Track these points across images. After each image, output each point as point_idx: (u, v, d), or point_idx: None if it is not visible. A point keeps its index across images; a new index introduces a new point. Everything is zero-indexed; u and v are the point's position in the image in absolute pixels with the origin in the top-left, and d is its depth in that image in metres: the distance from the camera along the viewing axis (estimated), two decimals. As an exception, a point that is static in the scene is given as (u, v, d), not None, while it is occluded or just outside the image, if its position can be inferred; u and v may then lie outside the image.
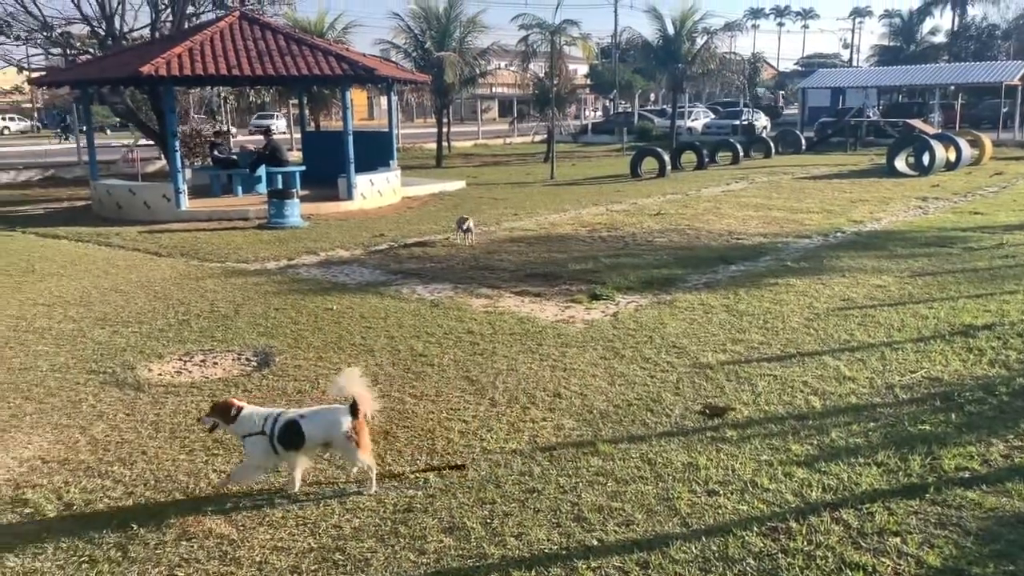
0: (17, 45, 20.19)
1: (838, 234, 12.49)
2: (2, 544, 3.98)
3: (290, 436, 4.27)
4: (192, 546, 3.94)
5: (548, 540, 3.95)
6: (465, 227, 12.15)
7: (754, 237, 12.29)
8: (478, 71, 29.93)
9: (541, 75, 31.25)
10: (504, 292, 9.02)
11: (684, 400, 5.72)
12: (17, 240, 13.20)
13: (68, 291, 9.31)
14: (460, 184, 20.57)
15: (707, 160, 24.97)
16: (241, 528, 4.10)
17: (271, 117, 38.20)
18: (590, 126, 44.83)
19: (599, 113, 59.43)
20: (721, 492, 4.38)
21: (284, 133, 25.39)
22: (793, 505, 4.24)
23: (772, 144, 29.28)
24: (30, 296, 9.09)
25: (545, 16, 30.51)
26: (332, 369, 6.45)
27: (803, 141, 30.75)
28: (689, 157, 25.13)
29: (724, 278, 9.55)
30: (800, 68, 79.99)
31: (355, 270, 10.49)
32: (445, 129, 30.54)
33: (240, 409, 4.33)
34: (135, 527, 4.10)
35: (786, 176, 21.73)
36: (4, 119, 53.86)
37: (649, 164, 22.67)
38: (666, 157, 22.71)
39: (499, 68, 34.03)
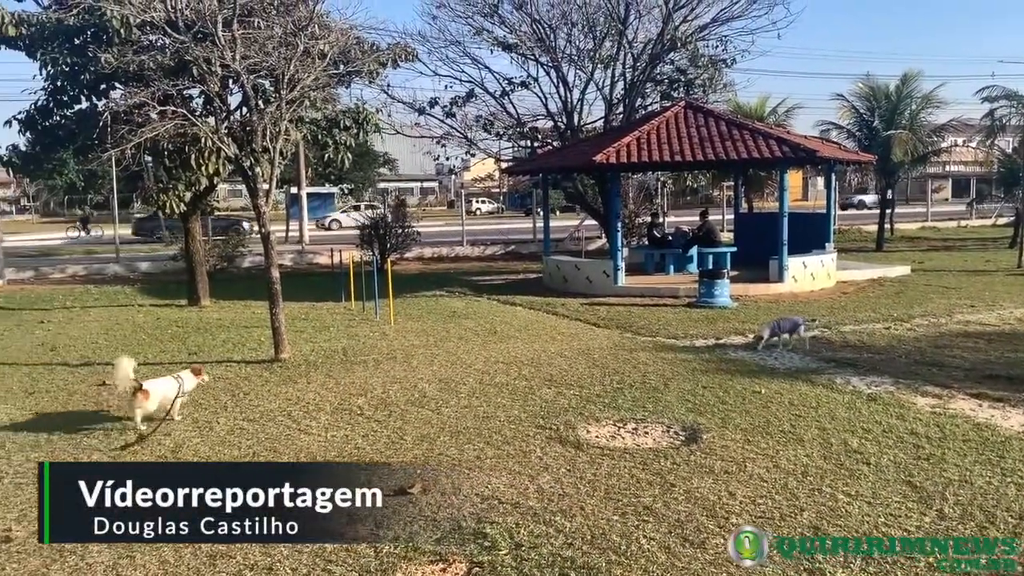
0: (495, 140, 23.69)
1: None
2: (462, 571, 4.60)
3: None
4: (622, 605, 4.16)
5: None
6: (782, 332, 10.39)
7: None
8: (931, 149, 27.59)
9: (1009, 151, 27.76)
10: (956, 393, 8.07)
11: None
12: (483, 305, 15.28)
13: (522, 352, 10.51)
14: (903, 270, 18.98)
15: None
16: (667, 598, 4.22)
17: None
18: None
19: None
20: None
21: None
22: None
23: None
24: (492, 354, 10.44)
25: (1017, 87, 27.33)
26: (759, 453, 6.36)
27: None
28: None
29: None
30: None
31: (784, 354, 10.24)
32: (888, 210, 28.52)
33: None
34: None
35: None
36: (477, 201, 62.99)
37: None
38: None
39: (955, 145, 30.98)
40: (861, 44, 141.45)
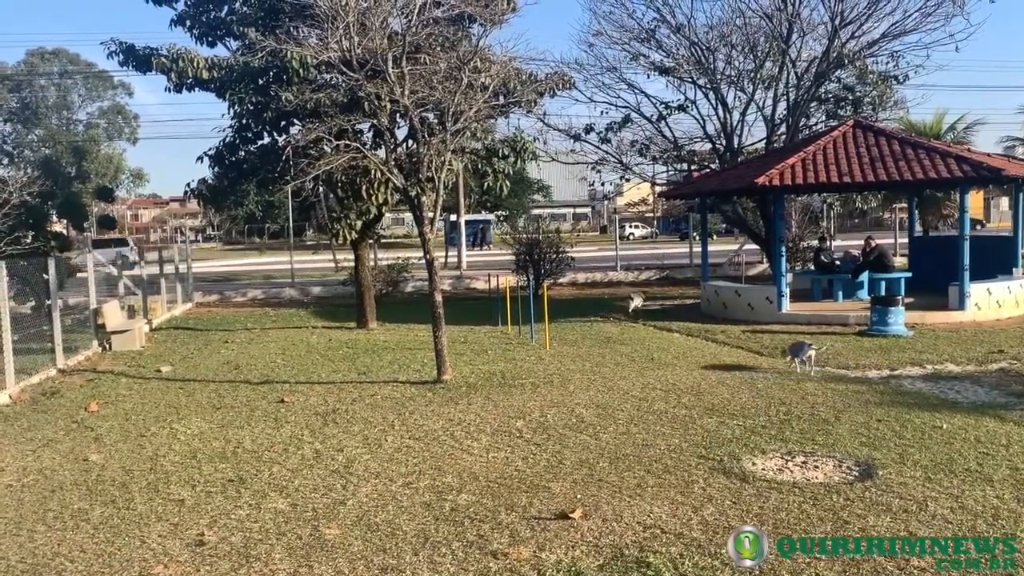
0: (650, 164, 23.54)
1: None
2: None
3: None
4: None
5: None
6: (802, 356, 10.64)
7: None
8: None
9: None
10: None
11: None
12: (639, 331, 15.13)
13: (680, 380, 10.32)
14: (1107, 298, 17.20)
15: None
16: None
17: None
18: None
19: None
20: None
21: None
22: None
23: None
24: (649, 381, 10.30)
25: None
26: (942, 492, 5.94)
27: None
28: None
29: None
30: None
31: (967, 387, 9.54)
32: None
33: None
34: (740, 612, 4.32)
35: None
36: (630, 226, 62.63)
37: None
38: None
39: None
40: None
